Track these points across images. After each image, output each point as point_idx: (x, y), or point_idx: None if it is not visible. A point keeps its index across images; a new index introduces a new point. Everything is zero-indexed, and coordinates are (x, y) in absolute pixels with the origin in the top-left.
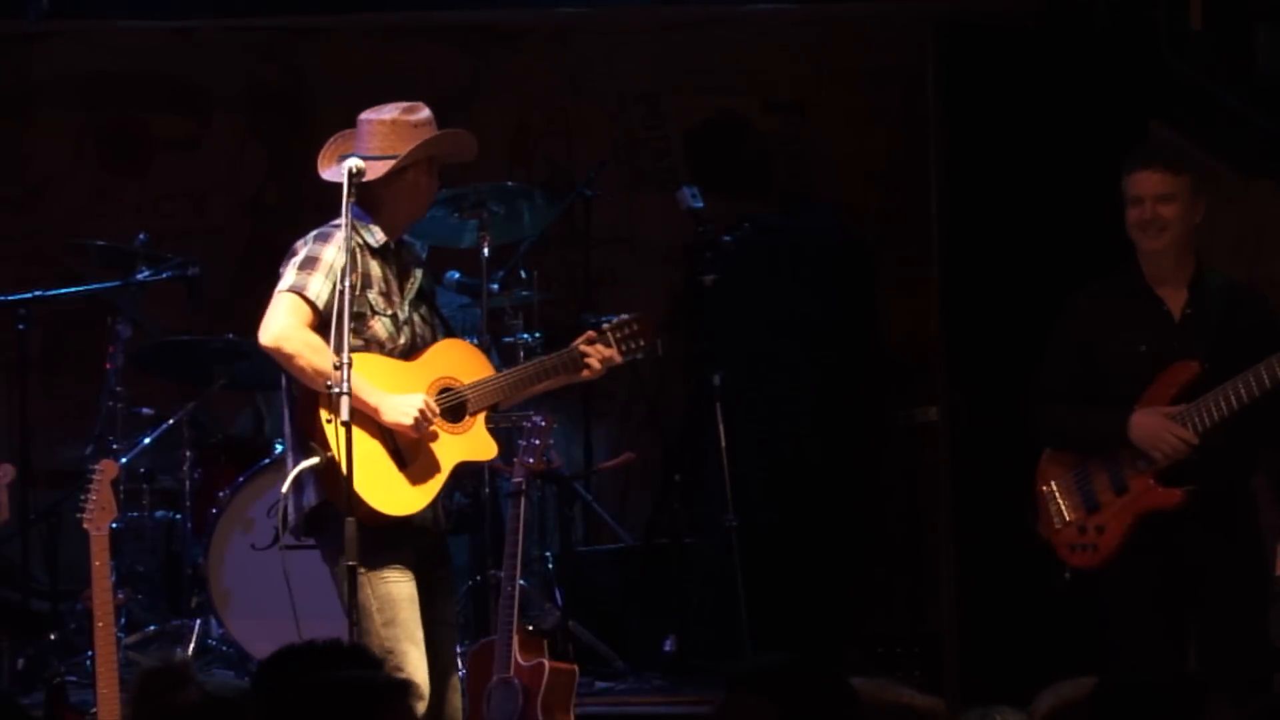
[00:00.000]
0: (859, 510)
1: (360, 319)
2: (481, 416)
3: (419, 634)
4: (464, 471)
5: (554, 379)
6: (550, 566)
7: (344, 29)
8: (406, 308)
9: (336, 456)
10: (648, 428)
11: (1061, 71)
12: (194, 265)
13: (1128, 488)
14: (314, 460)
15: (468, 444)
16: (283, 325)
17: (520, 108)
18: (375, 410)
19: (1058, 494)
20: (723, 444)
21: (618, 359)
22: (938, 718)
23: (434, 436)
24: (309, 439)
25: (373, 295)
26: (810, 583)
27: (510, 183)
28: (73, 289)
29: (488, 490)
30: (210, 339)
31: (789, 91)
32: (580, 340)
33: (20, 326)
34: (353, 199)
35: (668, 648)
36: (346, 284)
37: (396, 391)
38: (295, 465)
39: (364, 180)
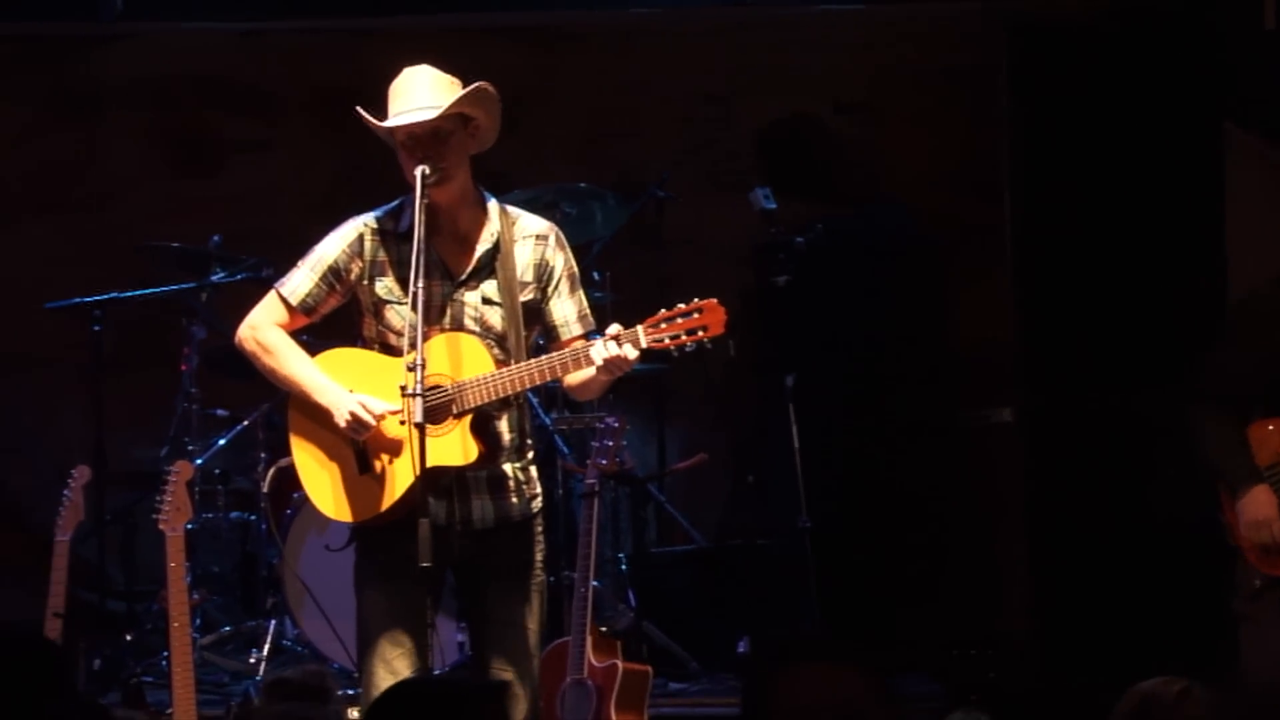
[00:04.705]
0: (931, 511)
1: (374, 310)
2: (468, 419)
3: (394, 649)
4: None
5: (567, 375)
6: (623, 568)
7: (413, 30)
8: (448, 288)
9: (293, 461)
10: (720, 429)
11: (1134, 72)
12: (269, 266)
13: None
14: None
15: (439, 448)
16: (246, 324)
17: (590, 109)
18: (326, 411)
19: None
20: (795, 445)
21: (627, 362)
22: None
23: (393, 440)
24: None
25: (386, 283)
26: (883, 584)
27: (583, 184)
28: (148, 290)
29: (560, 492)
30: None
31: (859, 92)
32: (601, 339)
33: (95, 328)
34: (425, 199)
35: (742, 649)
36: (420, 285)
37: (372, 390)
38: None
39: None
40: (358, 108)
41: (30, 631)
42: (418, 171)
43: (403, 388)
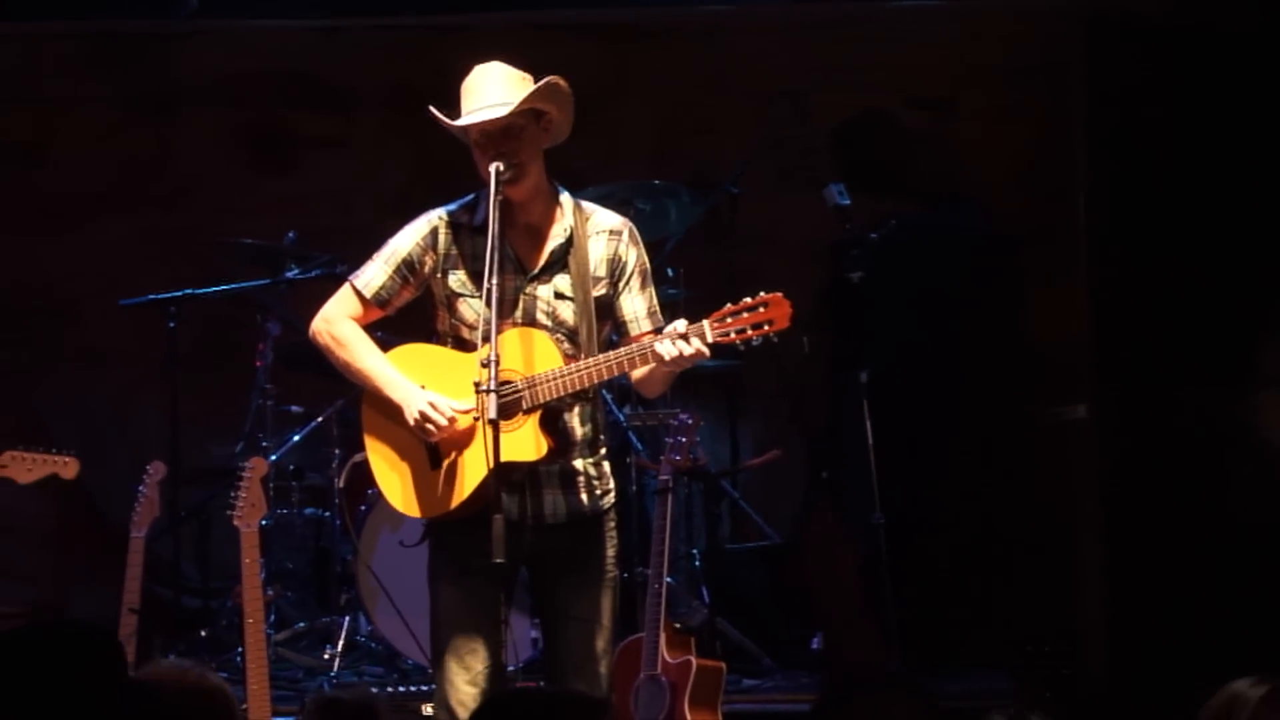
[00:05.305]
0: (1005, 508)
1: (447, 303)
2: (538, 414)
3: (468, 644)
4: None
5: (633, 370)
6: (697, 564)
7: (488, 26)
8: (520, 282)
9: (366, 455)
10: (793, 425)
11: (1210, 70)
12: (343, 263)
13: None
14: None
15: (510, 443)
16: (320, 317)
17: (664, 105)
18: (399, 407)
19: None
20: (870, 441)
21: (694, 357)
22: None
23: (464, 435)
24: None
25: (459, 276)
26: (957, 580)
27: (657, 181)
28: (223, 287)
29: (634, 488)
30: None
31: (934, 88)
32: (664, 334)
33: (171, 325)
34: (500, 196)
35: (815, 645)
36: (494, 281)
37: (444, 387)
38: None
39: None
40: (430, 107)
41: (98, 629)
42: (492, 169)
43: (477, 384)
